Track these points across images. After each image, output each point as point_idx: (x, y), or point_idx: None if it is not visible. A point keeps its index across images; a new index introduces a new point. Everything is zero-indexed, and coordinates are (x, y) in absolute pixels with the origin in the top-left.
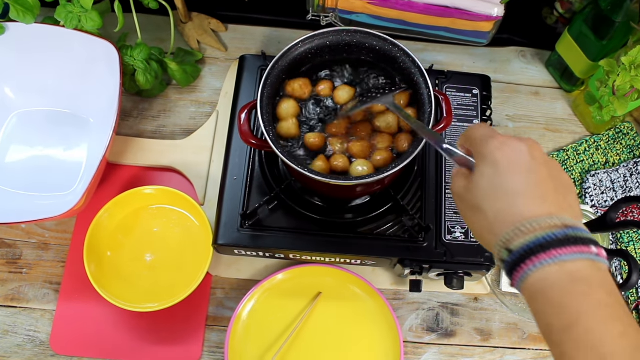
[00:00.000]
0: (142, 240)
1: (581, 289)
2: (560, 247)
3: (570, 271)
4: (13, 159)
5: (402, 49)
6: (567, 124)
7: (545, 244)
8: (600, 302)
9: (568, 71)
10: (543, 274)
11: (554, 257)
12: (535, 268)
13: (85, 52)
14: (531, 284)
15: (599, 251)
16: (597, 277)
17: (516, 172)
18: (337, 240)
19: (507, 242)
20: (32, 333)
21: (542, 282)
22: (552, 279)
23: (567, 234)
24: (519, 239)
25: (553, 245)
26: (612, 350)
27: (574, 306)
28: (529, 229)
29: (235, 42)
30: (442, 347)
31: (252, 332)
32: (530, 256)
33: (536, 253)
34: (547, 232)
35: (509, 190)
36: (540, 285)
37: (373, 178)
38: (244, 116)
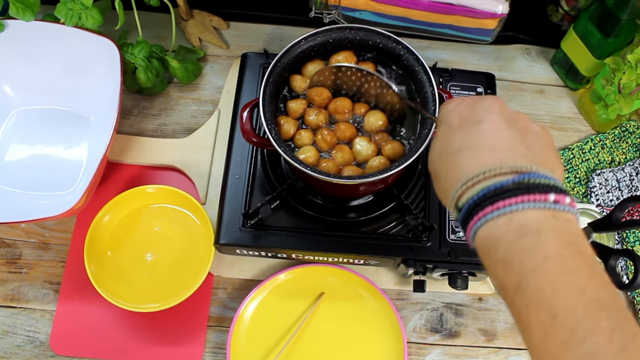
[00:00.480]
0: (143, 240)
1: (529, 242)
2: (509, 197)
3: (520, 224)
4: (13, 157)
5: (405, 46)
6: (572, 122)
7: (491, 195)
8: (553, 256)
9: (573, 69)
10: (489, 230)
11: (500, 209)
12: (480, 224)
13: (85, 50)
14: (480, 242)
15: (559, 198)
16: (552, 227)
17: (466, 127)
18: (340, 240)
19: (457, 199)
20: (32, 333)
21: (489, 239)
22: (498, 234)
23: (519, 181)
24: (465, 194)
25: (501, 195)
26: (565, 307)
27: (521, 263)
28: (474, 181)
29: (237, 39)
30: (446, 347)
31: (255, 332)
32: (477, 210)
33: (483, 206)
34: (493, 182)
35: (456, 147)
36: (488, 243)
37: (376, 177)
38: (245, 114)
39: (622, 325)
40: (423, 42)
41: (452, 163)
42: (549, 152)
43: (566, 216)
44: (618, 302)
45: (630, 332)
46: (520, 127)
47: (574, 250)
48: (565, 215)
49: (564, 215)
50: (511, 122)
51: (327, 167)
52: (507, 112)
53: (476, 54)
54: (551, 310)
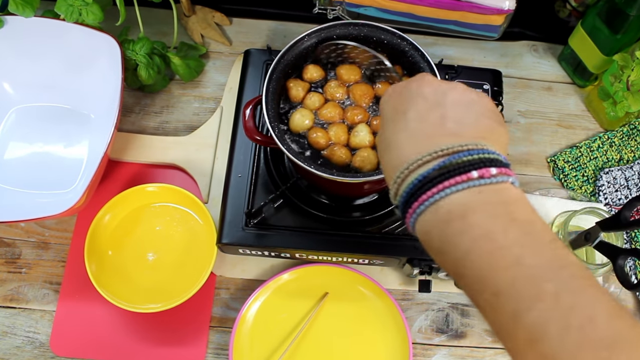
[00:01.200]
0: (144, 239)
1: (456, 227)
2: (431, 187)
3: (446, 210)
4: (12, 155)
5: (410, 42)
6: (580, 120)
7: (416, 190)
8: (481, 237)
9: (581, 66)
10: (421, 224)
11: (425, 202)
12: (413, 220)
13: (86, 47)
14: (419, 235)
15: (482, 172)
16: (477, 205)
17: (395, 119)
18: (345, 239)
19: (396, 192)
20: (32, 334)
21: (423, 232)
22: (428, 228)
23: (440, 167)
24: (398, 193)
25: (425, 187)
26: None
27: (453, 251)
28: (401, 178)
29: (239, 36)
30: (452, 348)
31: (258, 333)
32: (407, 208)
33: (410, 203)
34: (416, 175)
35: (386, 143)
36: (423, 236)
37: (381, 175)
38: (248, 112)
39: (568, 282)
40: (429, 38)
41: (385, 161)
42: (481, 121)
43: (494, 187)
44: (561, 259)
45: (576, 287)
46: (450, 101)
47: (505, 221)
48: (493, 187)
49: (492, 187)
50: (440, 99)
51: (317, 138)
52: (437, 88)
53: (482, 50)
54: (493, 288)
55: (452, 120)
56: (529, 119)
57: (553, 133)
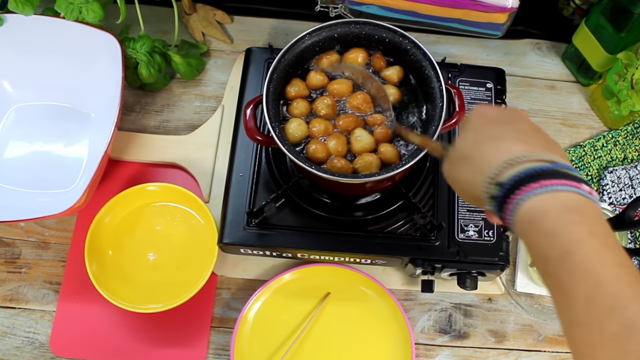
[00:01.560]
0: (145, 239)
1: (575, 218)
2: (551, 178)
3: (563, 201)
4: (12, 155)
5: (413, 41)
6: (584, 118)
7: (535, 175)
8: (595, 232)
9: (585, 64)
10: (535, 203)
11: (546, 186)
12: (527, 197)
13: (86, 45)
14: (523, 214)
15: (590, 191)
16: (589, 209)
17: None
18: (347, 239)
19: (497, 176)
20: (32, 335)
21: (534, 211)
22: (544, 208)
23: (557, 169)
24: (508, 171)
25: (544, 176)
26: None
27: (568, 234)
28: (517, 161)
29: (241, 34)
30: (455, 349)
31: (259, 333)
32: (521, 186)
33: (527, 182)
34: (537, 164)
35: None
36: (533, 215)
37: (383, 175)
38: (249, 111)
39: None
40: (431, 36)
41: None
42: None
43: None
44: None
45: None
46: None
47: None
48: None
49: (596, 205)
50: (529, 124)
51: (315, 152)
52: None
53: (486, 48)
54: (596, 279)
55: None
56: (532, 117)
57: (557, 132)
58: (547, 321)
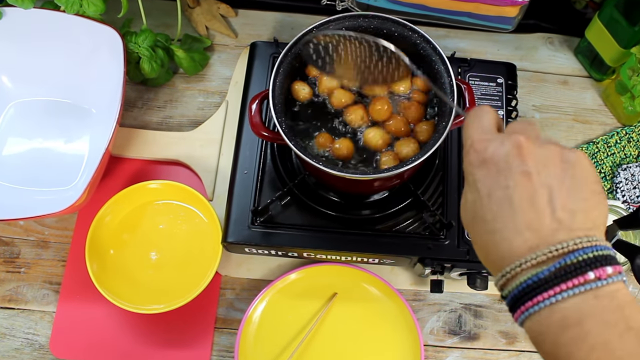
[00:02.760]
0: (147, 238)
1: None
2: (547, 289)
3: (561, 315)
4: (10, 152)
5: (422, 35)
6: (597, 114)
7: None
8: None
9: (598, 59)
10: (533, 323)
11: (540, 302)
12: (524, 316)
13: (87, 39)
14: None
15: (599, 273)
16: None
17: (494, 198)
18: (354, 238)
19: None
20: (31, 336)
21: (534, 332)
22: (542, 329)
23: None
24: (506, 287)
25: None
26: None
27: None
28: (512, 274)
29: (245, 28)
30: (465, 350)
31: (264, 335)
32: (520, 305)
33: (524, 301)
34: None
35: (489, 226)
36: (535, 336)
37: (392, 172)
38: (255, 107)
39: None
40: (440, 30)
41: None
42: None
43: (610, 289)
44: None
45: None
46: (554, 176)
47: (621, 329)
48: (608, 289)
49: (607, 289)
50: (542, 171)
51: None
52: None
53: (496, 43)
54: None
55: (562, 207)
56: (544, 113)
57: (569, 128)
58: None
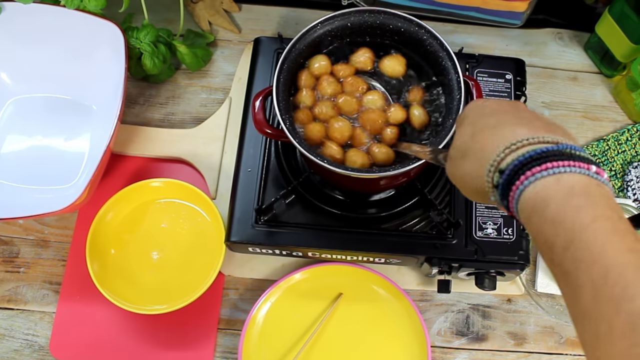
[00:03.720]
0: (149, 237)
1: (580, 202)
2: (555, 160)
3: (568, 184)
4: (10, 149)
5: (429, 30)
6: (607, 111)
7: (538, 157)
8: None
9: (608, 54)
10: (538, 188)
11: (549, 169)
12: (529, 182)
13: (87, 34)
14: (527, 201)
15: (599, 171)
16: (598, 192)
17: (499, 112)
18: (360, 237)
19: (498, 163)
20: (31, 337)
21: (537, 197)
22: (547, 193)
23: (562, 150)
24: (509, 157)
25: (548, 158)
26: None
27: (572, 220)
28: (519, 145)
29: (249, 23)
30: (473, 352)
31: (268, 336)
32: (524, 171)
33: (530, 167)
34: (539, 146)
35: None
36: (536, 202)
37: (398, 170)
38: (258, 103)
39: None
40: (448, 25)
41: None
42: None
43: (606, 188)
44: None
45: None
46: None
47: (619, 215)
48: (605, 187)
49: (605, 187)
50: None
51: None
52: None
53: (505, 38)
54: (602, 267)
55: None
56: (553, 110)
57: (579, 125)
58: (569, 323)
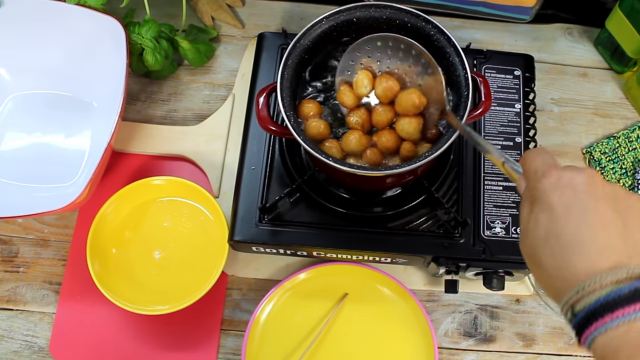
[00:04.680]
0: (150, 236)
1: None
2: (627, 304)
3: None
4: (9, 147)
5: (436, 26)
6: (617, 108)
7: (609, 304)
8: None
9: (619, 50)
10: (609, 338)
11: (619, 317)
12: (598, 332)
13: (88, 30)
14: (598, 349)
15: None
16: None
17: (572, 217)
18: (365, 236)
19: (572, 304)
20: (30, 338)
21: (608, 348)
22: (618, 343)
23: (635, 288)
24: (581, 301)
25: (619, 303)
26: None
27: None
28: (590, 289)
29: (253, 18)
30: (481, 353)
31: (272, 337)
32: (596, 318)
33: (601, 315)
34: (611, 289)
35: (565, 243)
36: (607, 351)
37: (404, 168)
38: (262, 100)
39: None
40: (455, 21)
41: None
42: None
43: None
44: None
45: None
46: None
47: None
48: None
49: None
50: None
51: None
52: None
53: (513, 33)
54: None
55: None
56: (563, 107)
57: (589, 122)
58: None
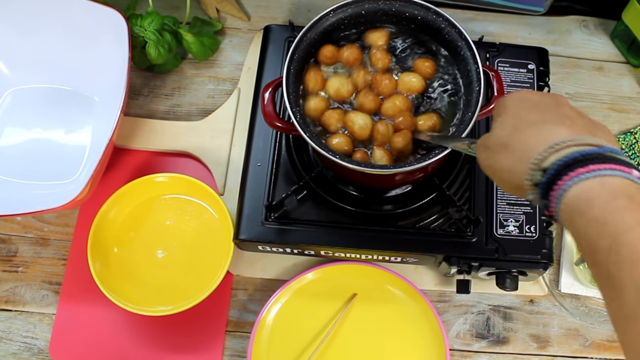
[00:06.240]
0: (153, 235)
1: (624, 204)
2: (599, 163)
3: (611, 187)
4: (8, 142)
5: (447, 18)
6: (634, 102)
7: (582, 159)
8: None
9: (636, 43)
10: (582, 189)
11: (593, 171)
12: (573, 183)
13: (89, 22)
14: (570, 202)
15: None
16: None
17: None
18: (375, 235)
19: (540, 161)
20: (30, 340)
21: (581, 198)
22: (592, 194)
23: (604, 153)
24: (552, 156)
25: (591, 160)
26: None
27: (616, 222)
28: (562, 145)
29: (259, 10)
30: (494, 355)
31: (278, 338)
32: (567, 171)
33: (574, 167)
34: (583, 148)
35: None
36: (580, 202)
37: (414, 166)
38: (268, 95)
39: None
40: (467, 13)
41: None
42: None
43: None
44: None
45: None
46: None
47: None
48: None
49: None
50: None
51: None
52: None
53: (527, 26)
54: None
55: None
56: (578, 102)
57: (605, 117)
58: (595, 325)
